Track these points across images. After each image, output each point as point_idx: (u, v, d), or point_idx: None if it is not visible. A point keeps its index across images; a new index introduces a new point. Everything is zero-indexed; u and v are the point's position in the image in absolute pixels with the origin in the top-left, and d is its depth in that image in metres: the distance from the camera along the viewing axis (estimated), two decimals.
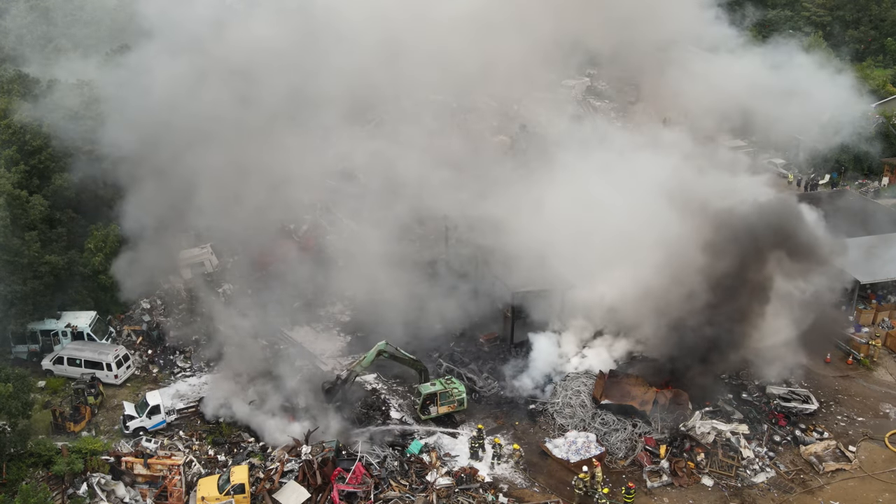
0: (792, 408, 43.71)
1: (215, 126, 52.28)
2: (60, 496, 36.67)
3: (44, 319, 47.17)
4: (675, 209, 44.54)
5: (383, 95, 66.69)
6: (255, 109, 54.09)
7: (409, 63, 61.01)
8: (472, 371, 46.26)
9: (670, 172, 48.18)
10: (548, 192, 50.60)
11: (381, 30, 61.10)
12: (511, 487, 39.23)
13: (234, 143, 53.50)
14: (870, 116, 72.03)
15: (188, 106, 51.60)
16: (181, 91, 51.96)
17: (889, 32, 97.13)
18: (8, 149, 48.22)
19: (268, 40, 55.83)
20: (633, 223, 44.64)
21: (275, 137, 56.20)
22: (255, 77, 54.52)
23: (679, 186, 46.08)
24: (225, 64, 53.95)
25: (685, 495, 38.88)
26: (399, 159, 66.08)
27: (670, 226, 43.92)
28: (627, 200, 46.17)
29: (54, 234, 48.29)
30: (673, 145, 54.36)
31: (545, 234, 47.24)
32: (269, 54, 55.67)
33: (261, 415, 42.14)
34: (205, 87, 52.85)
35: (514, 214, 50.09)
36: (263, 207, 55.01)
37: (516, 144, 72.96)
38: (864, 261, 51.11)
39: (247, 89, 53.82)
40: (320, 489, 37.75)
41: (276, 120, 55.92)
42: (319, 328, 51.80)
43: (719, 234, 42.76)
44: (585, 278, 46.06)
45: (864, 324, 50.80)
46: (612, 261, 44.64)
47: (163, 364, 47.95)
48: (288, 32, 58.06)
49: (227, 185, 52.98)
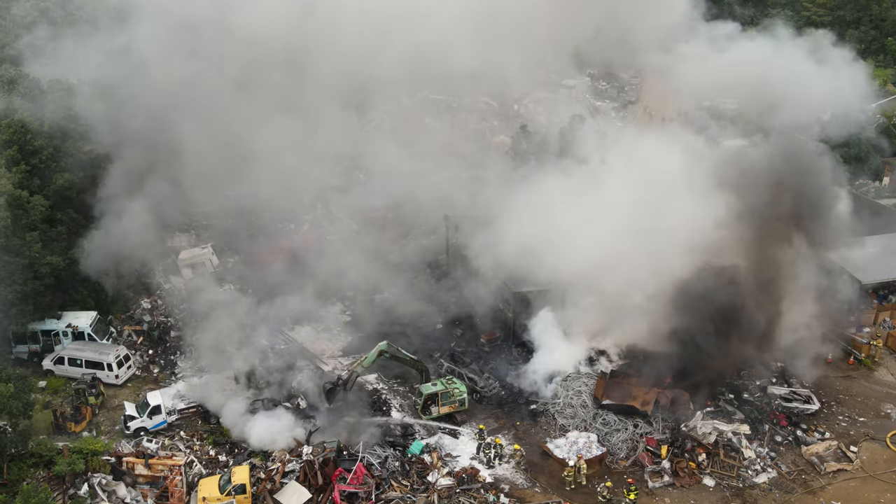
0: (793, 408, 43.70)
1: (213, 109, 52.80)
2: (61, 496, 36.64)
3: (44, 320, 47.12)
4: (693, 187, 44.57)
5: (383, 90, 66.69)
6: (255, 96, 54.63)
7: (408, 56, 61.12)
8: (473, 371, 46.24)
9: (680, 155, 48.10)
10: (548, 192, 50.59)
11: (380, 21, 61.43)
12: (512, 488, 39.22)
13: (229, 125, 53.93)
14: (870, 116, 71.98)
15: (186, 90, 52.19)
16: (180, 74, 52.54)
17: (889, 32, 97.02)
18: (9, 149, 48.15)
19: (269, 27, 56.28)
20: (646, 214, 44.56)
21: (274, 125, 56.64)
22: (255, 65, 55.01)
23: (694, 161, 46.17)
24: (225, 47, 54.50)
25: (686, 496, 38.87)
26: (399, 159, 66.15)
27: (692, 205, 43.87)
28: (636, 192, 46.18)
29: (55, 233, 48.23)
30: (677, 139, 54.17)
31: (544, 233, 47.22)
32: (270, 42, 56.14)
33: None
34: (204, 71, 53.39)
35: (513, 214, 50.05)
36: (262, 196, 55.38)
37: (516, 144, 72.86)
38: (865, 261, 51.00)
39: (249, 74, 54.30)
40: (321, 489, 37.72)
41: (276, 108, 56.40)
42: (320, 328, 51.76)
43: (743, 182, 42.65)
44: (586, 276, 45.99)
45: (865, 324, 50.76)
46: (620, 255, 44.53)
47: (163, 364, 47.90)
48: (290, 20, 58.51)
49: (223, 169, 53.40)
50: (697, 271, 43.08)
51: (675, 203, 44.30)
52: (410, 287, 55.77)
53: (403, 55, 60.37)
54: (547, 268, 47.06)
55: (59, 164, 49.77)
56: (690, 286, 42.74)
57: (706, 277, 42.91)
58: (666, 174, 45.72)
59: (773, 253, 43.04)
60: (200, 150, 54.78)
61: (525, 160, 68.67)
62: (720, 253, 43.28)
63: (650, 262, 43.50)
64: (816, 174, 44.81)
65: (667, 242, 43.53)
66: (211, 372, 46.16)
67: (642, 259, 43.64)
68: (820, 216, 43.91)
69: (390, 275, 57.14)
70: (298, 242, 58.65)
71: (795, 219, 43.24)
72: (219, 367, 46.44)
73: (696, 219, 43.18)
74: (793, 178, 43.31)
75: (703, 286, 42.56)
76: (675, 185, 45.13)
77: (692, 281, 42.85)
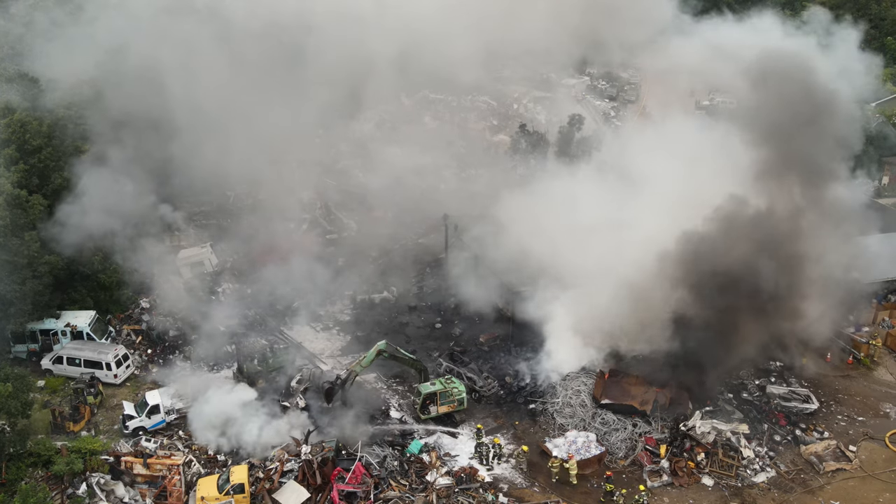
0: (792, 407, 43.69)
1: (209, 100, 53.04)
2: (60, 496, 36.61)
3: (43, 319, 47.02)
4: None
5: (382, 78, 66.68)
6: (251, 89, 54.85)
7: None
8: (471, 371, 46.22)
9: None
10: (550, 192, 50.61)
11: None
12: (511, 487, 39.19)
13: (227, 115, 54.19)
14: (870, 115, 71.95)
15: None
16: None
17: (889, 31, 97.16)
18: (7, 147, 48.11)
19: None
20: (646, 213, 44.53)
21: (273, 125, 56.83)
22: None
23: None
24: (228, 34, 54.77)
25: (685, 495, 38.86)
26: (399, 158, 66.18)
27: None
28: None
29: (54, 233, 48.15)
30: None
31: (545, 233, 47.22)
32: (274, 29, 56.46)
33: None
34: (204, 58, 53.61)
35: (513, 214, 50.04)
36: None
37: (515, 143, 72.93)
38: (865, 260, 50.93)
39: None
40: (320, 489, 37.70)
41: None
42: (319, 327, 51.75)
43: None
44: (587, 275, 45.95)
45: (864, 323, 50.74)
46: (620, 255, 44.46)
47: (162, 364, 47.86)
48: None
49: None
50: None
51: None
52: (410, 286, 55.82)
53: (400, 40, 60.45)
54: (547, 267, 47.07)
55: (58, 164, 49.73)
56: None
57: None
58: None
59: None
60: (198, 146, 54.97)
61: (524, 159, 68.75)
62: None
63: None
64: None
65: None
66: (210, 371, 46.23)
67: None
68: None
69: (389, 274, 57.21)
70: (297, 241, 58.61)
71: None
72: (218, 366, 46.59)
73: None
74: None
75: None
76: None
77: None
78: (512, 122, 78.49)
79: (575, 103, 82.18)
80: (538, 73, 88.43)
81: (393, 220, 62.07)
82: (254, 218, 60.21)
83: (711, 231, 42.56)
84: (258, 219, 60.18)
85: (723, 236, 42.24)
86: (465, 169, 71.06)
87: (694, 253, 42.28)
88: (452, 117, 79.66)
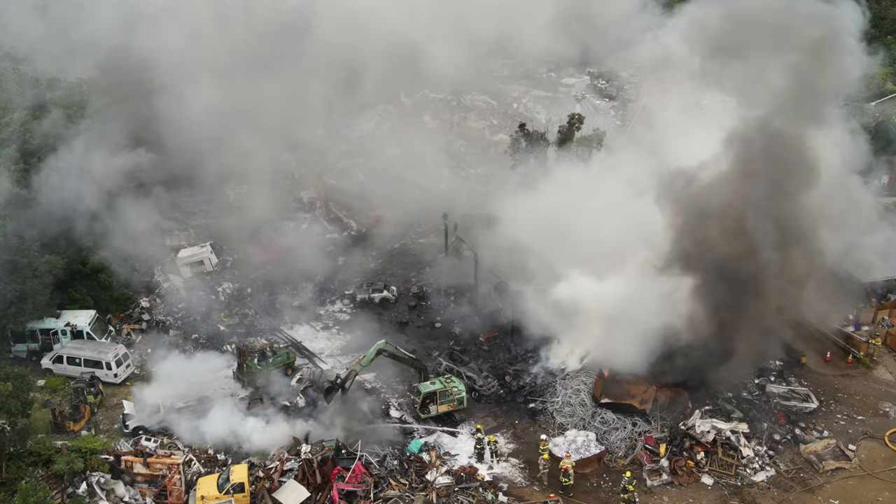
0: (791, 406, 43.69)
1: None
2: (60, 495, 36.63)
3: (43, 318, 47.09)
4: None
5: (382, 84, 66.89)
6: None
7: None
8: (471, 370, 46.23)
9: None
10: (549, 191, 50.59)
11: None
12: (511, 486, 39.20)
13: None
14: (869, 114, 71.90)
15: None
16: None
17: (889, 31, 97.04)
18: (7, 147, 48.16)
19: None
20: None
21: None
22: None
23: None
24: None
25: (685, 494, 38.87)
26: (399, 157, 66.17)
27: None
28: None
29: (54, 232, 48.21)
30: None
31: (545, 232, 47.20)
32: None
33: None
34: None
35: (512, 214, 50.04)
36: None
37: (515, 143, 72.82)
38: (865, 260, 50.93)
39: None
40: (320, 488, 37.72)
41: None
42: (319, 327, 51.77)
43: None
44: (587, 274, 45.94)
45: (863, 322, 50.75)
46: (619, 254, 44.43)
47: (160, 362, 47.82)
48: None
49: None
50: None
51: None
52: (409, 286, 55.81)
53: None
54: (546, 266, 47.07)
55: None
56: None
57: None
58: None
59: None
60: (199, 144, 55.03)
61: (524, 158, 68.60)
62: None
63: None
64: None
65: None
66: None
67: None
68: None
69: (389, 274, 57.22)
70: (297, 241, 58.64)
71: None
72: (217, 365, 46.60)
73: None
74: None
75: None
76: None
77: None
78: (511, 122, 78.46)
79: (575, 103, 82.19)
80: (538, 72, 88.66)
81: (393, 219, 62.09)
82: (254, 218, 60.23)
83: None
84: (258, 218, 60.23)
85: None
86: (465, 168, 71.12)
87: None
88: (452, 116, 79.69)
